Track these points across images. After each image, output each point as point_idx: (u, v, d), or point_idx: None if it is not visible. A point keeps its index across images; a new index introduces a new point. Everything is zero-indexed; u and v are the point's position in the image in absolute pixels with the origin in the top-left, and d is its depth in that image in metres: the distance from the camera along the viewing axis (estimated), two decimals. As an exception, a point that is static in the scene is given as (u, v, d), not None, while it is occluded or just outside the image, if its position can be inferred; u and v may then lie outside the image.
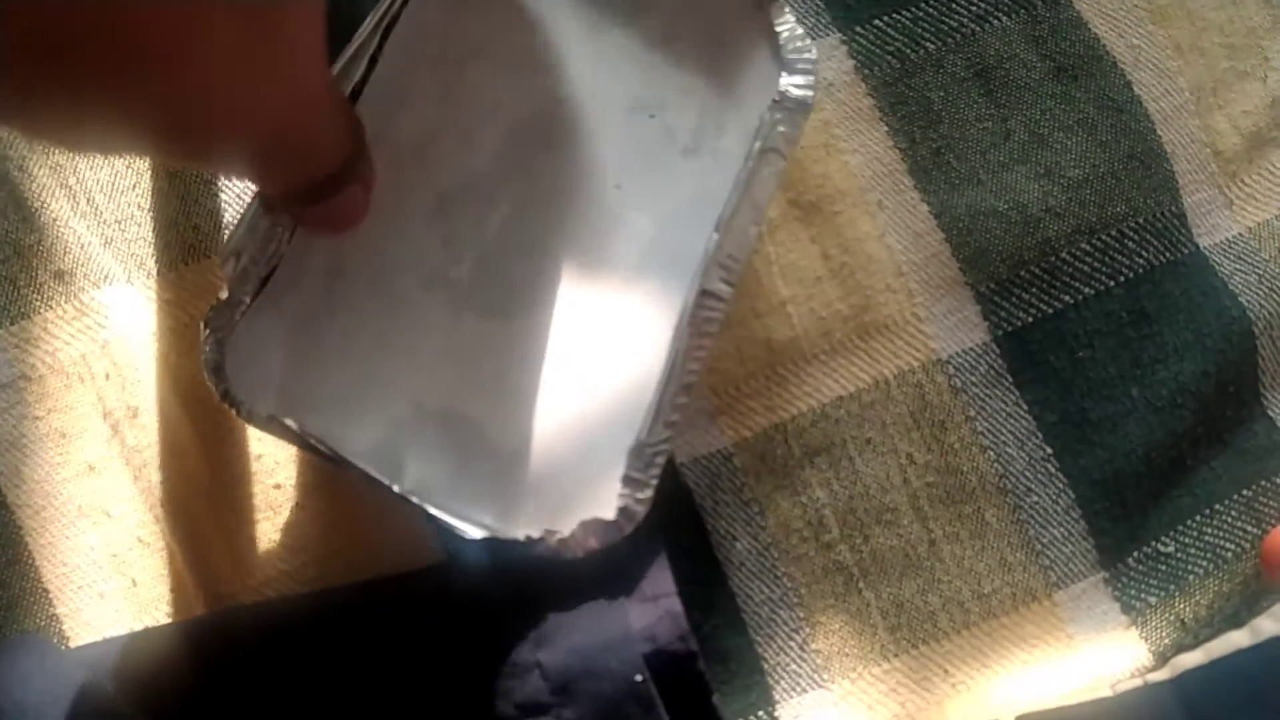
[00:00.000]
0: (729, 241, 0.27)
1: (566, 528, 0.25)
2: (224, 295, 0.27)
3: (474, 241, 0.28)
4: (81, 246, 0.31)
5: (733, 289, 0.26)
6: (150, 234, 0.31)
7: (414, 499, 0.25)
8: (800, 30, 0.28)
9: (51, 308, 0.31)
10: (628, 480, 0.25)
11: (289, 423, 0.26)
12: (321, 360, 0.27)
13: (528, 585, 0.27)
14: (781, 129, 0.27)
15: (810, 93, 0.28)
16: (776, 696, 0.31)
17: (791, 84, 0.28)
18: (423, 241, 0.28)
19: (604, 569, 0.27)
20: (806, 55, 0.28)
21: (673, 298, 0.27)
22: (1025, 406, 0.32)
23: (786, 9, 0.29)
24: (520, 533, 0.25)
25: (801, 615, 0.31)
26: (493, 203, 0.29)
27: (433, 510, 0.25)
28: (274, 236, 0.27)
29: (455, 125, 0.29)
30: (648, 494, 0.25)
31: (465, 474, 0.26)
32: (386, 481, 0.25)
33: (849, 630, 0.31)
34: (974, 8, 0.34)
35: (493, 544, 0.25)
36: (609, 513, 0.25)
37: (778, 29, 0.29)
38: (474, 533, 0.25)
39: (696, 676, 0.27)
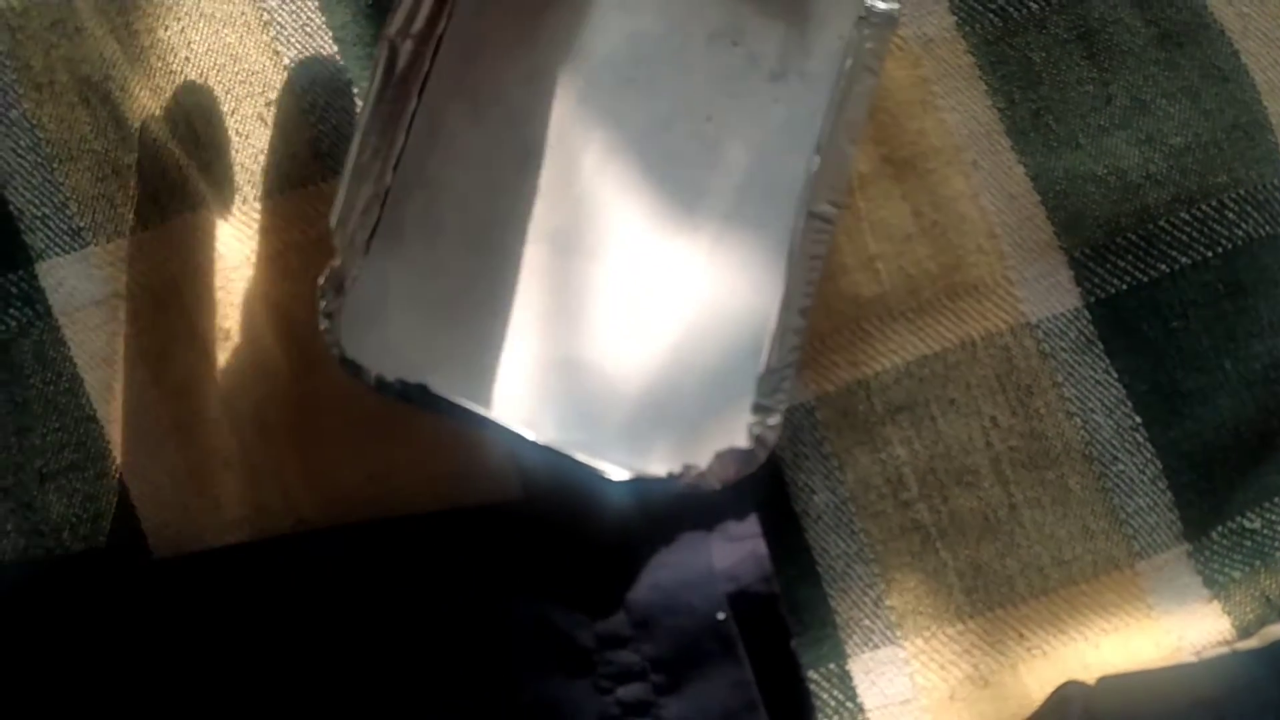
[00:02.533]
0: (829, 162, 0.26)
1: (702, 460, 0.25)
2: (336, 263, 0.27)
3: (568, 188, 0.28)
4: (179, 169, 0.31)
5: (838, 210, 0.26)
6: (247, 160, 0.32)
7: (557, 448, 0.25)
8: None
9: (147, 229, 0.31)
10: (758, 408, 0.25)
11: (423, 385, 0.26)
12: (434, 321, 0.28)
13: (614, 521, 0.27)
14: (870, 44, 0.27)
15: (896, 5, 0.28)
16: (848, 650, 0.31)
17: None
18: (516, 192, 0.28)
19: (690, 508, 0.27)
20: None
21: (777, 223, 0.27)
22: (1115, 375, 0.32)
23: None
24: (660, 469, 0.25)
25: (877, 571, 0.31)
26: (583, 146, 0.29)
27: (579, 456, 0.25)
28: (374, 196, 0.27)
29: (536, 70, 0.29)
30: (778, 419, 0.25)
31: (594, 418, 0.26)
32: (528, 435, 0.25)
33: (924, 589, 0.31)
34: (1079, -31, 0.33)
35: (635, 484, 0.25)
36: (742, 441, 0.25)
37: None
38: (618, 474, 0.25)
39: (777, 619, 0.27)
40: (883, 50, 0.27)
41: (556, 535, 0.27)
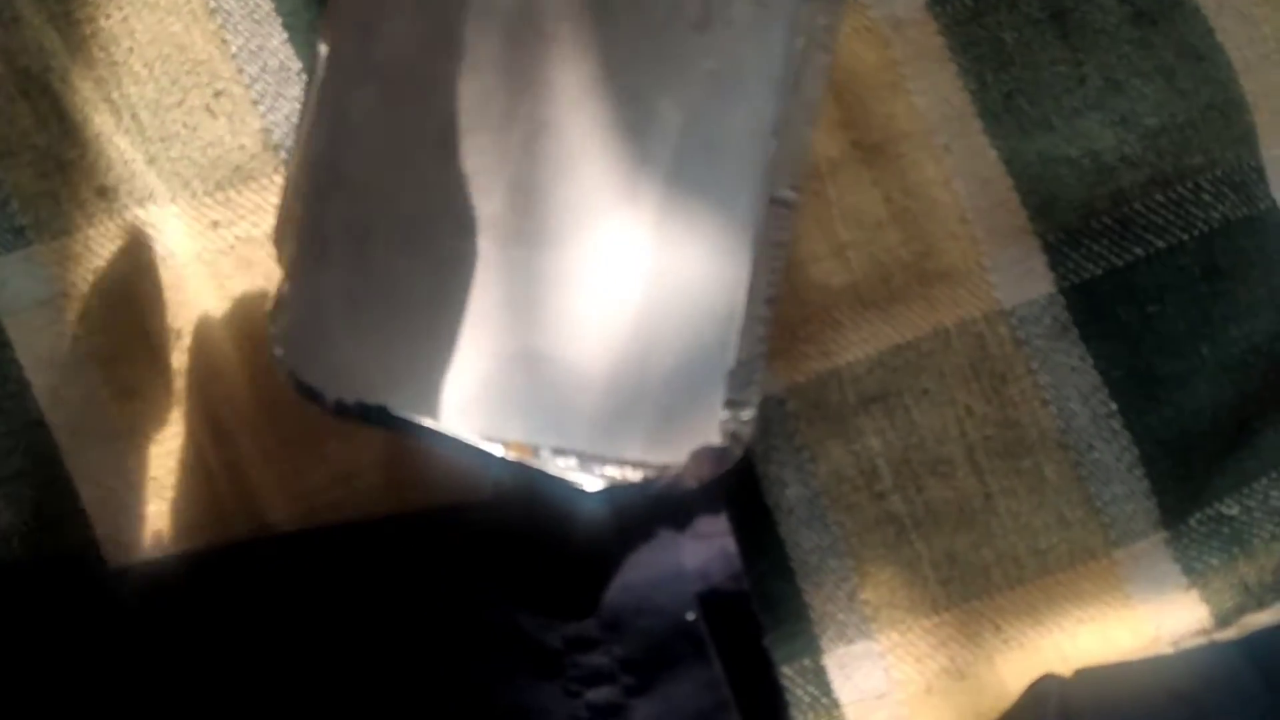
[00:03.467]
0: (786, 145, 0.26)
1: (676, 454, 0.24)
2: (284, 285, 0.26)
3: (498, 170, 0.26)
4: (125, 163, 0.30)
5: (798, 194, 0.26)
6: (196, 153, 0.31)
7: (528, 465, 0.25)
8: None
9: (94, 225, 0.30)
10: (730, 403, 0.25)
11: (382, 406, 0.25)
12: (383, 332, 0.26)
13: (585, 522, 0.26)
14: (821, 20, 0.26)
15: None
16: (822, 645, 0.30)
17: None
18: (441, 182, 0.27)
19: (660, 507, 0.26)
20: None
21: (727, 197, 0.26)
22: (1091, 360, 0.31)
23: None
24: (632, 467, 0.24)
25: (851, 564, 0.30)
26: (508, 121, 0.27)
27: (550, 470, 0.25)
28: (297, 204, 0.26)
29: (445, 36, 0.27)
30: (751, 413, 0.25)
31: (560, 413, 0.25)
32: (495, 452, 0.25)
33: (899, 581, 0.30)
34: (1051, -54, 0.33)
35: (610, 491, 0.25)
36: (715, 436, 0.24)
37: None
38: (592, 485, 0.24)
39: (748, 617, 0.26)
40: (835, 26, 0.26)
41: (526, 536, 0.27)
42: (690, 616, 0.25)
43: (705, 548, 0.26)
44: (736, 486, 0.30)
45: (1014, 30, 0.32)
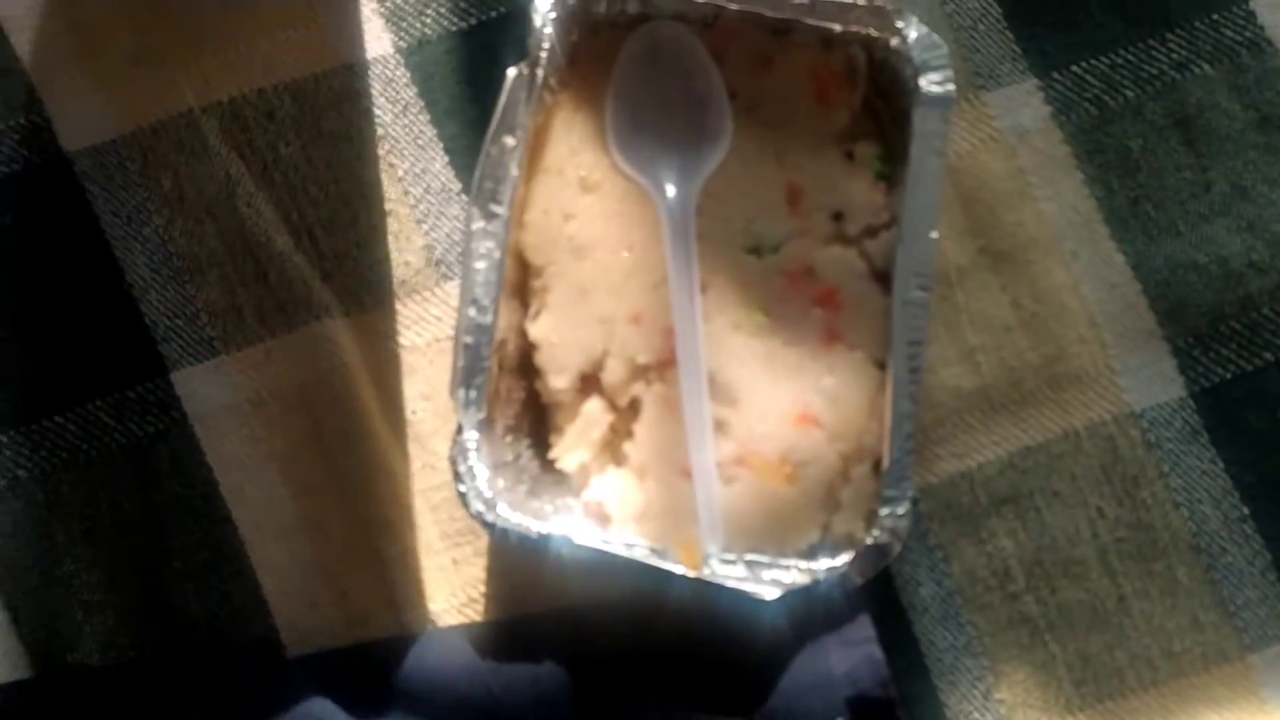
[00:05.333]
0: (910, 247, 0.27)
1: (838, 559, 0.26)
2: (462, 433, 0.28)
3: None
4: (303, 280, 0.33)
5: (928, 294, 0.27)
6: (365, 269, 0.33)
7: (701, 581, 0.27)
8: (925, 28, 0.28)
9: (275, 336, 0.33)
10: (885, 499, 0.26)
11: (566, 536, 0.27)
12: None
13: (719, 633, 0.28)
14: (930, 125, 0.28)
15: (950, 88, 0.28)
16: (959, 743, 0.31)
17: (930, 81, 0.28)
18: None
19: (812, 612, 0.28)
20: (939, 52, 0.28)
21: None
22: (1222, 465, 0.32)
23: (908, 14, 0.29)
24: (801, 579, 0.26)
25: (985, 664, 0.31)
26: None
27: (729, 584, 0.27)
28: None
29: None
30: (906, 508, 0.26)
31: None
32: (672, 568, 0.27)
33: (1033, 682, 0.31)
34: (1174, 55, 0.34)
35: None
36: (875, 536, 0.26)
37: (904, 30, 0.28)
38: (770, 593, 0.26)
39: (896, 724, 0.27)
40: (943, 130, 0.28)
41: (688, 643, 0.28)
42: (840, 721, 0.27)
43: (853, 654, 0.28)
44: (871, 587, 0.31)
45: (1139, 137, 0.33)
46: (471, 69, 0.33)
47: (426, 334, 0.33)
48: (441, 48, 0.33)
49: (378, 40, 0.33)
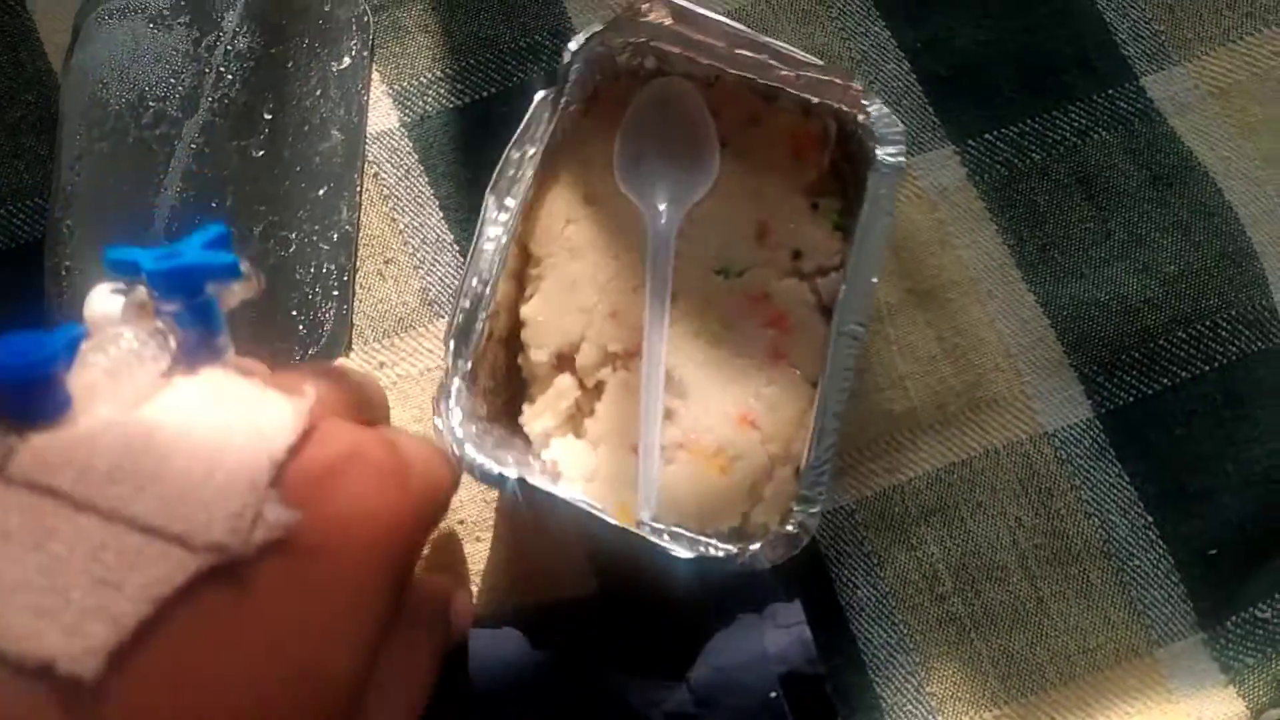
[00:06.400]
0: (854, 290, 0.31)
1: (753, 542, 0.29)
2: (446, 380, 0.31)
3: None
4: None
5: (865, 330, 0.31)
6: (370, 308, 0.38)
7: (628, 531, 0.30)
8: (886, 110, 0.33)
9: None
10: (802, 499, 0.30)
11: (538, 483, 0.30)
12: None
13: (678, 611, 0.31)
14: (883, 190, 0.32)
15: (902, 160, 0.32)
16: (894, 733, 0.34)
17: (885, 153, 0.32)
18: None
19: (743, 595, 0.31)
20: (895, 130, 0.32)
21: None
22: (1127, 478, 0.35)
23: (874, 96, 0.33)
24: (718, 553, 0.30)
25: (917, 660, 0.34)
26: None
27: (652, 539, 0.30)
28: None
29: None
30: (818, 509, 0.29)
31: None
32: (608, 519, 0.30)
33: (962, 676, 0.34)
34: (1076, 123, 0.38)
35: (698, 561, 0.29)
36: (787, 527, 0.29)
37: (869, 109, 0.33)
38: (683, 553, 0.29)
39: (823, 698, 0.30)
40: (892, 194, 0.32)
41: (629, 617, 0.32)
42: (773, 695, 0.30)
43: (785, 635, 0.31)
44: (814, 588, 0.35)
45: (1046, 194, 0.38)
46: (464, 139, 0.39)
47: (419, 364, 0.37)
48: (439, 122, 0.39)
49: (385, 117, 0.39)
